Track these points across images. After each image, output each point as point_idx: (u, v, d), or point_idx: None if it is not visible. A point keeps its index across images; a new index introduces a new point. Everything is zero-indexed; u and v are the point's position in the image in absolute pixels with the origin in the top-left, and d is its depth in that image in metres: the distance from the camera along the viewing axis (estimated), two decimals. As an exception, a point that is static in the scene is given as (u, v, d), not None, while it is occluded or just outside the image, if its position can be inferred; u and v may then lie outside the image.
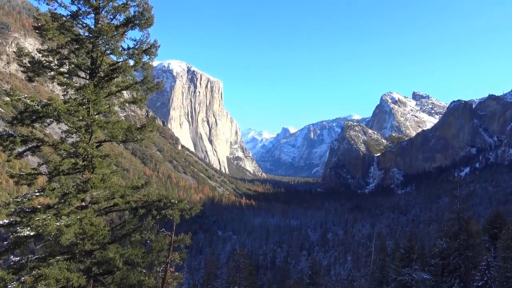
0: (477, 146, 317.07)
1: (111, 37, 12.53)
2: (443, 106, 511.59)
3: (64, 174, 12.01)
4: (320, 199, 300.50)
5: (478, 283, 30.67)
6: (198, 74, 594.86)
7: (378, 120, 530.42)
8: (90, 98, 12.03)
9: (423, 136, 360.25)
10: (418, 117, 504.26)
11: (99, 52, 12.82)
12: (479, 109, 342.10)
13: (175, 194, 18.25)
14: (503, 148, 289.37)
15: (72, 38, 12.63)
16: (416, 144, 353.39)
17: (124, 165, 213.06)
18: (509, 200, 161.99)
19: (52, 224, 10.70)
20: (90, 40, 12.81)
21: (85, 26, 12.97)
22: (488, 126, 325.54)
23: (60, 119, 11.83)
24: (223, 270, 56.01)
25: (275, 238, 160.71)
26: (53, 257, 12.06)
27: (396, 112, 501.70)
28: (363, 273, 50.74)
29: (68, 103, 11.85)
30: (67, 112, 11.56)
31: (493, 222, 43.15)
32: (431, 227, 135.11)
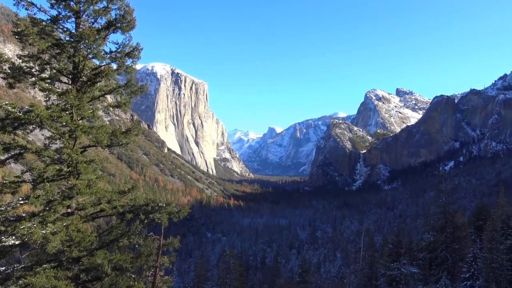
0: (460, 140, 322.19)
1: (92, 41, 12.39)
2: (426, 101, 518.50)
3: (48, 181, 11.84)
4: (308, 198, 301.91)
5: (465, 275, 31.16)
6: (183, 76, 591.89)
7: (363, 117, 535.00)
8: (73, 103, 11.88)
9: (407, 131, 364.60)
10: (402, 113, 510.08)
11: (81, 56, 12.66)
12: (462, 104, 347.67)
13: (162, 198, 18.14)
14: (485, 141, 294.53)
15: (53, 43, 12.45)
16: (401, 140, 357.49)
17: (110, 170, 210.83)
18: (493, 192, 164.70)
19: (38, 232, 10.54)
20: (72, 44, 12.64)
21: (66, 30, 12.80)
22: (471, 120, 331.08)
23: (43, 126, 11.65)
24: (213, 272, 55.91)
25: (265, 238, 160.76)
26: (39, 266, 11.88)
27: (381, 109, 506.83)
28: (353, 269, 51.14)
29: (50, 109, 11.68)
30: (49, 118, 11.39)
31: (478, 214, 43.92)
32: (418, 221, 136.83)
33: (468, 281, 30.44)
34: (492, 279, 27.15)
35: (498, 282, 27.06)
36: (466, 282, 30.60)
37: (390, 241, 51.97)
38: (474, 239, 38.89)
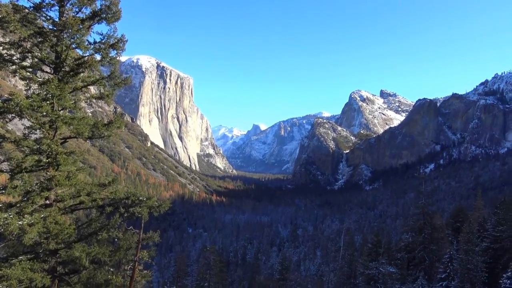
0: (441, 143, 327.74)
1: (76, 31, 12.17)
2: (409, 104, 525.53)
3: (27, 171, 11.64)
4: (290, 196, 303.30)
5: (441, 275, 31.76)
6: (168, 70, 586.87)
7: (347, 117, 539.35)
8: (54, 93, 11.66)
9: (390, 133, 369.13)
10: (385, 115, 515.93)
11: (64, 46, 12.43)
12: (443, 107, 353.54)
13: (144, 192, 18.02)
14: (465, 145, 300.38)
15: (35, 31, 12.20)
16: (383, 141, 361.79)
17: (92, 162, 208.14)
18: (471, 195, 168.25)
19: (14, 223, 10.35)
20: (55, 33, 12.40)
21: (49, 19, 12.54)
22: (452, 123, 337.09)
23: (23, 115, 11.42)
24: (194, 267, 55.72)
25: (246, 234, 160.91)
26: (15, 257, 11.67)
27: (365, 110, 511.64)
28: (332, 267, 51.66)
29: (31, 98, 11.45)
30: (30, 107, 11.17)
31: (455, 216, 44.83)
32: (398, 222, 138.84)
33: (444, 282, 31.04)
34: (467, 280, 27.73)
35: (472, 283, 27.65)
36: (442, 282, 31.20)
37: (369, 240, 52.60)
38: (451, 241, 39.67)
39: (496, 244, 31.51)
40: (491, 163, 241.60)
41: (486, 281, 28.84)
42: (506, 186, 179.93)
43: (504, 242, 30.96)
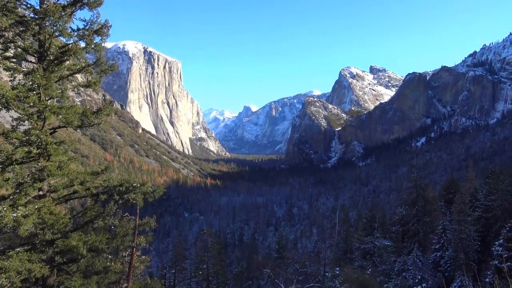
0: (431, 117, 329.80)
1: (58, 18, 11.91)
2: (399, 79, 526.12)
3: (18, 163, 11.53)
4: (284, 176, 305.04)
5: (435, 246, 32.40)
6: (155, 55, 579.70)
7: (338, 95, 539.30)
8: (40, 83, 11.47)
9: (381, 109, 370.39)
10: (375, 91, 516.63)
11: (47, 34, 12.17)
12: (433, 81, 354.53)
13: (138, 179, 18.01)
14: (456, 117, 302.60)
15: (16, 20, 11.91)
16: (374, 117, 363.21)
17: (83, 152, 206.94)
18: (462, 166, 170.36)
19: (8, 215, 10.31)
20: (36, 21, 12.11)
21: (30, 6, 12.23)
22: (442, 96, 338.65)
23: (10, 107, 11.23)
24: (191, 250, 56.12)
25: (242, 216, 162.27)
26: (12, 249, 11.67)
27: (355, 87, 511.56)
28: (329, 244, 52.30)
29: (16, 89, 11.26)
30: (16, 98, 10.99)
31: (448, 188, 45.45)
32: (391, 196, 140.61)
33: (438, 252, 31.68)
34: (460, 250, 28.30)
35: (466, 252, 28.24)
36: (436, 252, 31.85)
37: (364, 216, 53.26)
38: (444, 212, 40.34)
39: (488, 213, 32.07)
40: (481, 134, 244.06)
41: (478, 249, 29.46)
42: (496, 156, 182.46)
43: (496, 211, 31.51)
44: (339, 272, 29.69)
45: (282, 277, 38.40)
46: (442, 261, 30.74)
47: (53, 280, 12.55)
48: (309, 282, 36.28)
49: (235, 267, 60.17)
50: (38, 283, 12.40)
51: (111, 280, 13.80)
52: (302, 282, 35.54)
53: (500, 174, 35.02)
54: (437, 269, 30.55)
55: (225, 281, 47.07)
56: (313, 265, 45.20)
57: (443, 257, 30.87)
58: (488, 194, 32.72)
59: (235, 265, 63.25)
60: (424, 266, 26.82)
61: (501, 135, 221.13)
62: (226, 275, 49.64)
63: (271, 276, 40.18)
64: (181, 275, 48.12)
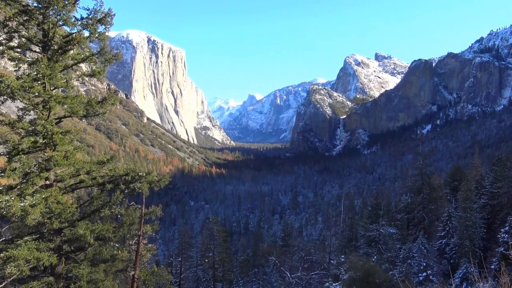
0: (437, 104, 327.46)
1: (62, 7, 11.85)
2: (404, 66, 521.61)
3: (24, 153, 11.60)
4: (289, 164, 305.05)
5: (440, 233, 32.40)
6: (159, 44, 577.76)
7: (343, 82, 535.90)
8: (45, 73, 11.48)
9: (386, 96, 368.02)
10: (381, 78, 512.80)
11: (51, 23, 12.13)
12: (439, 67, 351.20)
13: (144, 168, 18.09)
14: (462, 104, 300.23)
15: (20, 10, 11.86)
16: (379, 105, 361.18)
17: (89, 141, 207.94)
18: (468, 154, 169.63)
19: (16, 205, 10.40)
20: (40, 11, 12.07)
21: (33, -4, 12.21)
22: (448, 83, 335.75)
23: (15, 97, 11.26)
24: (198, 239, 56.59)
25: (247, 204, 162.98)
26: (21, 238, 11.80)
27: (360, 74, 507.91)
28: (334, 232, 52.52)
29: (21, 79, 11.28)
30: (21, 88, 11.01)
31: (453, 175, 45.28)
32: (396, 184, 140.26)
33: (444, 239, 31.70)
34: (466, 237, 28.28)
35: (471, 239, 28.22)
36: (442, 240, 31.86)
37: (369, 203, 53.35)
38: (449, 199, 40.28)
39: (494, 201, 31.96)
40: (487, 121, 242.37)
41: (484, 236, 29.42)
42: (503, 143, 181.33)
43: (502, 198, 31.39)
44: (344, 259, 29.83)
45: (287, 265, 38.67)
46: (448, 248, 30.77)
47: (61, 268, 12.70)
48: (315, 270, 36.52)
49: (240, 255, 60.63)
50: (46, 271, 12.55)
51: (118, 268, 13.96)
52: (308, 270, 35.77)
53: (507, 161, 34.79)
54: (443, 256, 30.60)
55: (231, 269, 47.47)
56: (318, 252, 45.48)
57: (449, 244, 30.89)
58: (494, 181, 32.54)
59: (240, 253, 63.75)
60: (429, 253, 26.85)
61: (508, 122, 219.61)
62: (232, 263, 50.06)
63: (277, 263, 40.46)
64: (187, 263, 48.57)
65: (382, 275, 21.13)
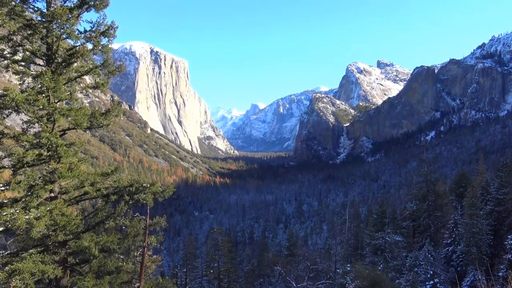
0: (441, 110, 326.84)
1: (65, 21, 11.97)
2: (407, 73, 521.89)
3: (29, 165, 11.64)
4: (293, 172, 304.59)
5: (447, 241, 32.14)
6: (162, 55, 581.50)
7: (345, 90, 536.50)
8: (49, 86, 11.56)
9: (389, 103, 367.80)
10: (383, 85, 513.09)
11: (54, 37, 12.25)
12: (441, 74, 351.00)
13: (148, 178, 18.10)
14: (465, 110, 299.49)
15: (24, 24, 11.99)
16: (383, 112, 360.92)
17: (93, 153, 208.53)
18: (473, 160, 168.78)
19: (21, 218, 10.41)
20: (44, 24, 12.20)
21: (37, 10, 12.32)
22: (451, 89, 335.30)
23: (20, 110, 11.33)
24: (202, 249, 56.40)
25: (252, 214, 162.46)
26: (25, 251, 11.79)
27: (362, 82, 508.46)
28: (339, 240, 52.18)
29: (26, 92, 11.37)
30: (25, 101, 11.08)
31: (458, 182, 45.04)
32: (401, 191, 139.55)
33: (450, 247, 31.44)
34: (472, 244, 28.05)
35: (478, 246, 27.98)
36: (448, 247, 31.60)
37: (374, 211, 53.08)
38: (455, 206, 40.00)
39: (500, 207, 31.73)
40: (491, 127, 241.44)
41: (491, 243, 29.17)
42: (507, 149, 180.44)
43: (508, 204, 31.17)
44: (350, 268, 29.60)
45: (293, 274, 38.40)
46: (454, 256, 30.51)
47: (66, 281, 12.66)
48: (320, 279, 36.24)
49: (245, 265, 60.29)
50: (51, 284, 12.51)
51: (123, 280, 13.90)
52: (313, 279, 35.51)
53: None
54: (449, 264, 30.32)
55: (236, 279, 47.21)
56: (324, 262, 45.14)
57: (455, 252, 30.63)
58: (500, 188, 32.34)
59: (245, 263, 63.37)
60: (436, 261, 26.63)
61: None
62: (237, 273, 49.78)
63: (282, 273, 40.19)
64: (192, 274, 48.36)
65: (389, 284, 20.96)
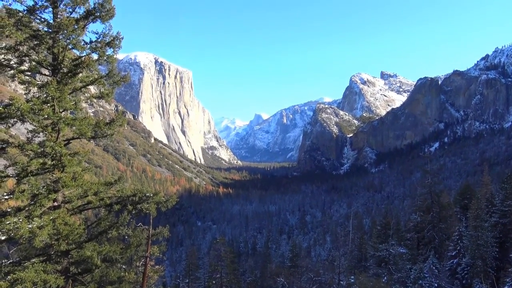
0: (445, 121, 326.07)
1: (71, 31, 12.13)
2: (410, 84, 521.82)
3: (33, 174, 11.69)
4: (296, 183, 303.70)
5: (452, 253, 31.82)
6: (166, 65, 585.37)
7: (349, 101, 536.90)
8: (54, 96, 11.67)
9: (393, 114, 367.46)
10: (387, 96, 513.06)
11: (61, 47, 12.39)
12: (445, 85, 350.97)
13: (151, 188, 18.14)
14: (469, 122, 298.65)
15: (30, 34, 12.15)
16: (386, 123, 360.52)
17: (97, 162, 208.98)
18: (477, 171, 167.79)
19: (24, 226, 10.43)
20: (50, 35, 12.35)
21: (44, 21, 12.49)
22: (454, 101, 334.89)
23: (25, 119, 11.43)
24: (205, 260, 56.14)
25: (255, 224, 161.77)
26: (28, 260, 11.79)
27: (366, 93, 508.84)
28: (343, 252, 51.81)
29: (31, 102, 11.46)
30: (31, 111, 11.18)
31: (463, 193, 44.75)
32: (405, 202, 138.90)
33: (455, 259, 31.12)
34: (477, 256, 27.77)
35: (483, 258, 27.70)
36: (453, 260, 31.28)
37: (378, 223, 52.70)
38: (459, 218, 39.67)
39: (505, 219, 31.46)
40: (496, 138, 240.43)
41: (496, 256, 28.86)
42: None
43: (513, 216, 30.93)
44: (354, 280, 29.36)
45: (296, 286, 38.11)
46: (459, 268, 30.19)
47: (68, 291, 12.63)
48: (324, 291, 35.92)
49: (248, 276, 59.89)
50: (53, 294, 12.48)
51: (126, 290, 13.85)
52: (317, 291, 35.20)
53: (517, 179, 34.32)
54: (454, 277, 29.99)
55: (238, 290, 46.86)
56: (327, 273, 44.76)
57: (460, 264, 30.32)
58: (505, 199, 32.10)
59: (248, 274, 62.96)
60: (441, 273, 26.37)
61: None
62: (240, 284, 49.43)
63: (285, 285, 39.88)
64: (194, 285, 48.07)
65: (393, 296, 20.74)
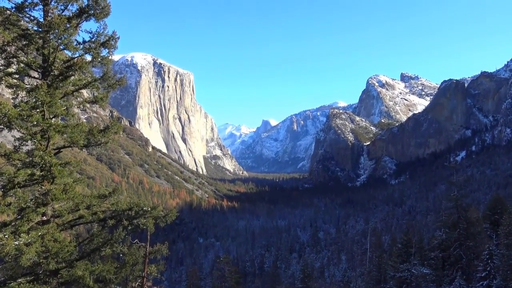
0: (472, 128, 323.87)
1: (63, 31, 12.23)
2: (433, 86, 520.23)
3: (20, 186, 11.76)
4: (308, 196, 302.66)
5: (481, 274, 31.43)
6: (166, 67, 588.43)
7: (366, 106, 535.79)
8: (44, 100, 11.74)
9: (414, 120, 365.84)
10: (408, 100, 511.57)
11: (51, 48, 12.49)
12: (472, 88, 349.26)
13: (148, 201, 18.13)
14: (499, 128, 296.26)
15: (19, 34, 12.28)
16: (407, 130, 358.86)
17: (90, 173, 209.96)
18: (509, 183, 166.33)
19: (10, 243, 10.47)
20: (40, 35, 12.46)
21: (33, 19, 12.62)
22: (482, 105, 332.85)
23: (12, 126, 11.50)
24: (207, 280, 56.08)
25: (262, 241, 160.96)
26: (14, 280, 11.81)
27: (384, 96, 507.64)
28: (359, 272, 51.52)
29: (19, 107, 11.55)
30: (18, 117, 11.26)
31: (493, 208, 44.29)
32: (429, 217, 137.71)
33: (485, 281, 30.72)
34: (510, 278, 27.43)
35: (516, 280, 27.35)
36: (483, 281, 30.89)
37: (399, 240, 52.27)
38: (489, 235, 39.25)
39: (541, 236, 31.10)
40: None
41: (531, 277, 28.48)
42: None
43: (550, 233, 30.54)
44: (372, 304, 29.11)
45: (308, 310, 37.84)
46: (490, 291, 29.82)
47: (57, 314, 12.61)
48: (339, 316, 35.64)
49: (255, 298, 59.66)
50: (41, 317, 12.46)
51: (120, 314, 13.81)
52: (331, 316, 34.92)
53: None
54: (484, 300, 29.63)
55: (244, 314, 46.64)
56: (342, 296, 44.46)
57: (491, 287, 29.94)
58: (541, 214, 31.76)
59: (255, 296, 62.75)
60: (469, 296, 26.05)
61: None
62: (246, 308, 49.21)
63: (296, 308, 39.62)
64: (196, 308, 47.90)
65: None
